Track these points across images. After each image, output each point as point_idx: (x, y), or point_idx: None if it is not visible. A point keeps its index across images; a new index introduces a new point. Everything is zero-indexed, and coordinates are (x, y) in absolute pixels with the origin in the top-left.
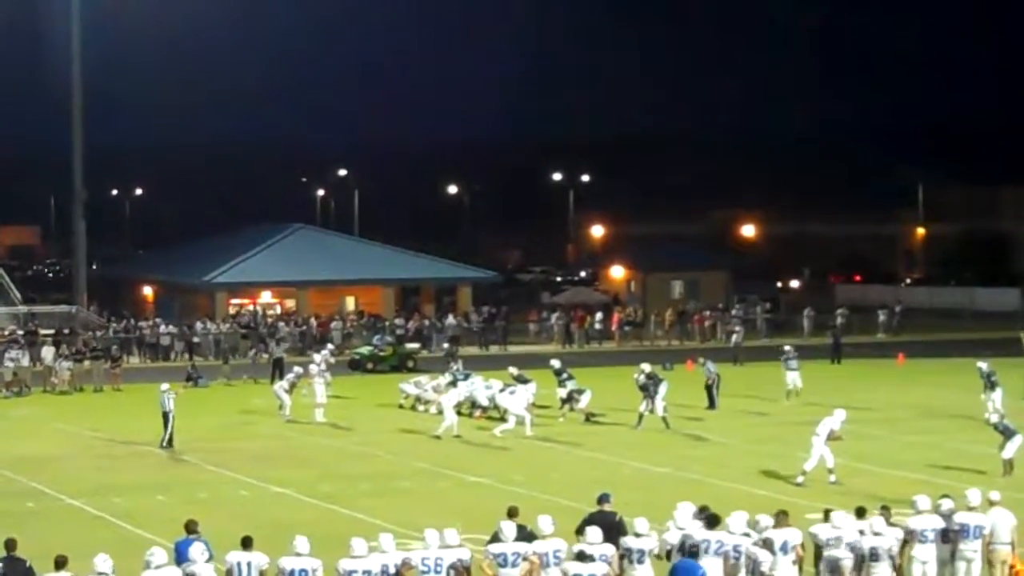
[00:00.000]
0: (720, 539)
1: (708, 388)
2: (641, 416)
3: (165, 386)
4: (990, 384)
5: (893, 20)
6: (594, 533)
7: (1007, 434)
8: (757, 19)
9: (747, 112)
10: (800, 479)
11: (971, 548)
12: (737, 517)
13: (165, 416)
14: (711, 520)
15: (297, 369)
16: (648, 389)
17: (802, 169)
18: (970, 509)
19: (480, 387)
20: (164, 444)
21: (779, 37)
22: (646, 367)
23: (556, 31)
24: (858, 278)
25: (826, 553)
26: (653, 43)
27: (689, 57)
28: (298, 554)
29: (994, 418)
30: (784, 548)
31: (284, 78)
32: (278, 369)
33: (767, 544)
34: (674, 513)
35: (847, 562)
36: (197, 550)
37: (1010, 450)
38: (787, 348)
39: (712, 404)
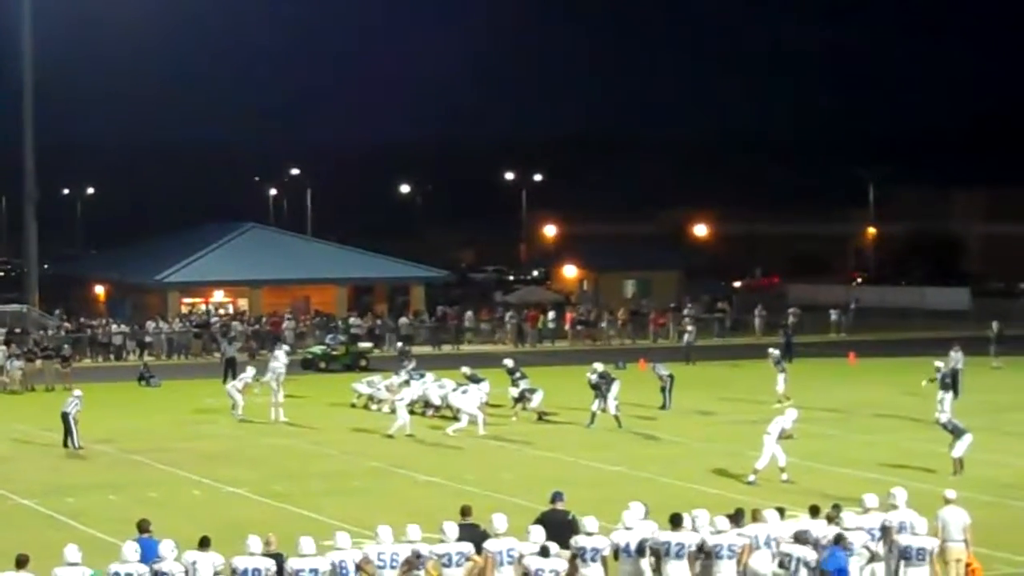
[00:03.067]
0: (681, 540)
1: (662, 390)
2: (594, 415)
3: (79, 392)
4: (943, 384)
5: (843, 24)
6: (536, 532)
7: (956, 433)
8: (709, 22)
9: (699, 113)
10: (752, 478)
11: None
12: (702, 515)
13: (64, 417)
14: (675, 520)
15: (250, 369)
16: (600, 388)
17: (754, 169)
18: (893, 507)
19: (433, 386)
20: (77, 445)
21: (731, 40)
22: (598, 366)
23: (508, 31)
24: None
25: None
26: (606, 43)
27: (642, 58)
28: (251, 554)
29: (943, 418)
30: (767, 543)
31: (235, 77)
32: (230, 368)
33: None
34: (624, 513)
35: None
36: (167, 547)
37: (960, 449)
38: (772, 351)
39: (665, 404)
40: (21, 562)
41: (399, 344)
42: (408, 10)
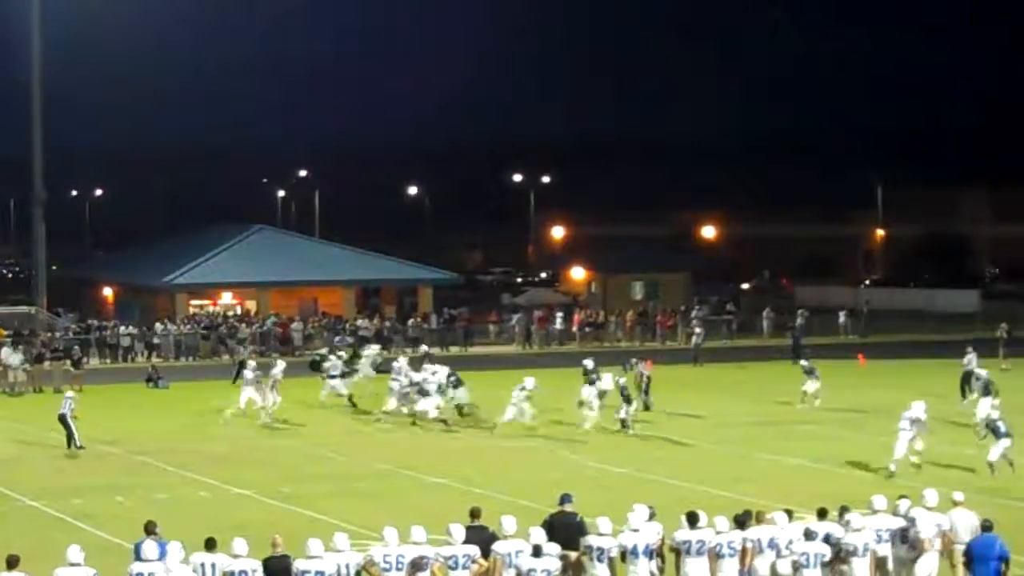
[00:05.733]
0: (701, 538)
1: (641, 390)
2: (623, 422)
3: (71, 394)
4: (985, 391)
5: (851, 24)
6: (536, 534)
7: (997, 435)
8: (716, 23)
9: (708, 114)
10: (893, 466)
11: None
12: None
13: (62, 419)
14: (692, 518)
15: (280, 362)
16: (625, 393)
17: (762, 171)
18: (928, 509)
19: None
20: (78, 445)
21: (739, 42)
22: (588, 363)
23: (516, 31)
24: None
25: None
26: (614, 45)
27: (649, 59)
28: (236, 556)
29: (995, 414)
30: (771, 545)
31: (244, 79)
32: (242, 370)
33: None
34: (629, 515)
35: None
36: (174, 549)
37: (995, 453)
38: (803, 363)
39: (648, 406)
40: (11, 563)
41: (424, 348)
42: (417, 11)
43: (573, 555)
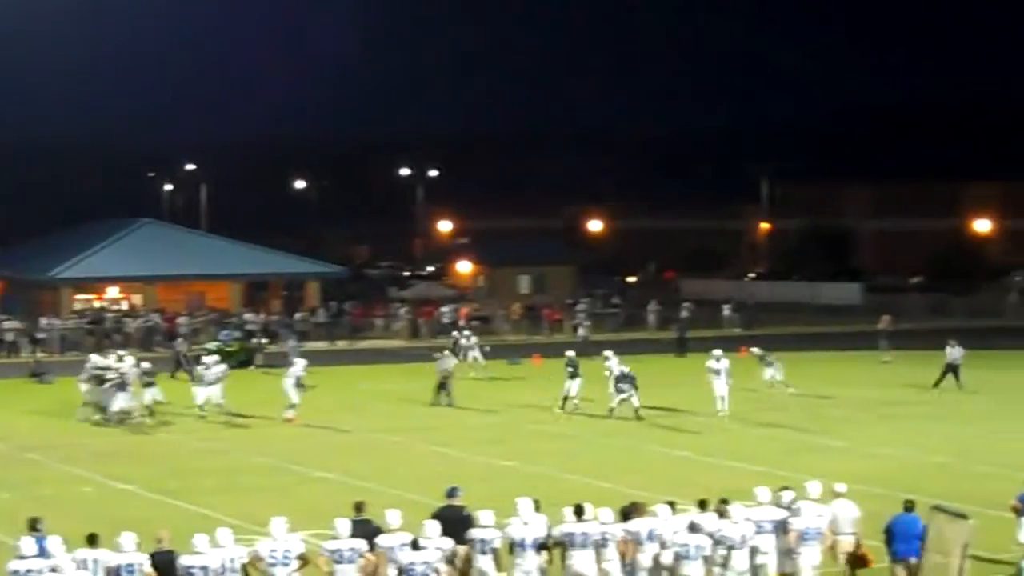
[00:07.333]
0: (586, 530)
1: (442, 384)
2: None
3: None
4: None
5: (739, 20)
6: (432, 527)
7: None
8: (607, 17)
9: (596, 109)
10: None
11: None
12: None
13: None
14: (579, 511)
15: (300, 361)
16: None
17: (650, 165)
18: (811, 501)
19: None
20: None
21: (628, 36)
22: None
23: (402, 26)
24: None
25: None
26: (504, 39)
27: (540, 54)
28: (123, 551)
29: None
30: (651, 537)
31: (129, 72)
32: (185, 363)
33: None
34: (518, 508)
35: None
36: (55, 544)
37: None
38: (754, 350)
39: (444, 402)
40: None
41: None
42: (306, 5)
43: (461, 549)
